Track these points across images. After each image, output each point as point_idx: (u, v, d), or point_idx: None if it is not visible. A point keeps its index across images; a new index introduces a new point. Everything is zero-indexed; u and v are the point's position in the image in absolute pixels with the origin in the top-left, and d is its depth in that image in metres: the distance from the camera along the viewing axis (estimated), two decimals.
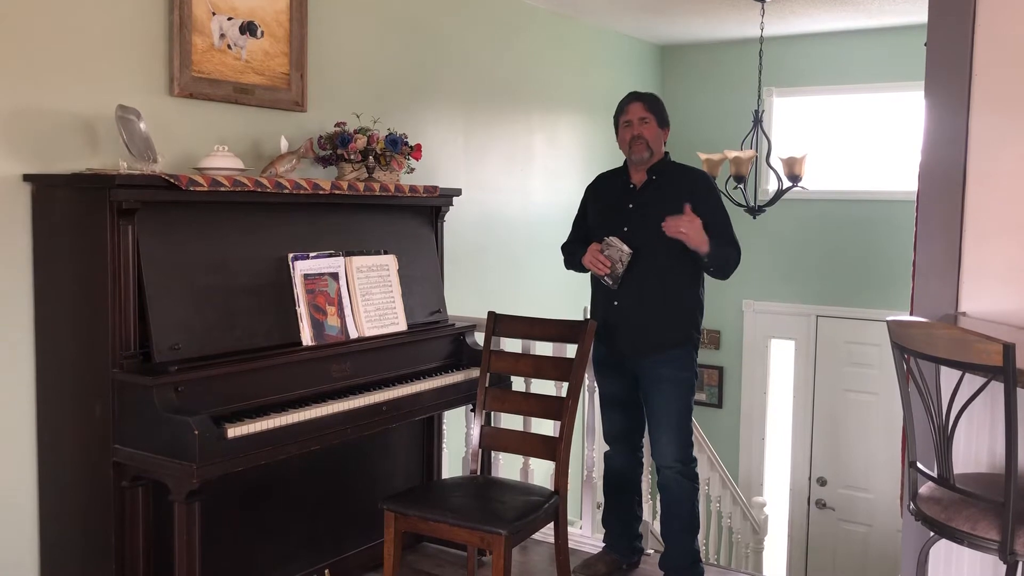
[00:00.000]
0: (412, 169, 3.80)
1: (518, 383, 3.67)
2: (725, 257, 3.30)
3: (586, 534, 4.02)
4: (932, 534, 2.32)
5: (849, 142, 6.59)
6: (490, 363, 3.32)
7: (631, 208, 3.37)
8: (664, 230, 3.21)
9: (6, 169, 2.80)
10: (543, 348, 3.74)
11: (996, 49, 2.66)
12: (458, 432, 4.22)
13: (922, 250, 2.79)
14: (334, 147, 3.56)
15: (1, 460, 2.85)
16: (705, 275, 3.40)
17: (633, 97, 3.43)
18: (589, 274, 3.50)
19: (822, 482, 6.84)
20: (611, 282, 3.32)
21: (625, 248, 3.28)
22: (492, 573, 2.80)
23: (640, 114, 3.37)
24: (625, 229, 3.33)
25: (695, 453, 3.45)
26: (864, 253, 6.46)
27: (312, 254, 3.15)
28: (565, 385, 3.18)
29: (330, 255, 3.21)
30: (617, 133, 3.45)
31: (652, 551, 3.76)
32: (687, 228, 3.20)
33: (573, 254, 3.51)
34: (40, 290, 2.87)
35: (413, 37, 4.48)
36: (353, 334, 3.22)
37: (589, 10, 5.70)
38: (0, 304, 2.82)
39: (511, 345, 3.70)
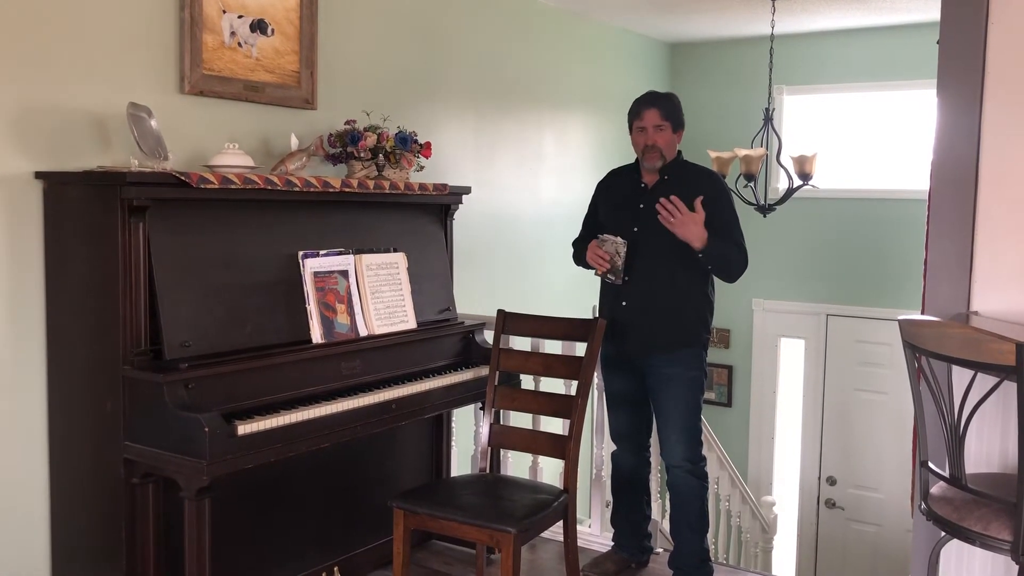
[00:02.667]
0: (422, 167, 3.80)
1: (527, 381, 3.67)
2: (725, 257, 3.27)
3: (595, 533, 4.02)
4: (943, 534, 2.31)
5: (860, 140, 6.56)
6: (499, 361, 3.32)
7: (642, 208, 3.36)
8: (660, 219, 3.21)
9: (18, 167, 2.81)
10: (552, 346, 3.73)
11: (1009, 47, 2.64)
12: (467, 430, 4.22)
13: (934, 249, 2.78)
14: (344, 145, 3.56)
15: (12, 456, 2.86)
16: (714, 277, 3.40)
17: (650, 103, 3.36)
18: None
19: (832, 481, 6.82)
20: (614, 277, 3.31)
21: (619, 239, 3.28)
22: (501, 571, 2.80)
23: (656, 122, 3.32)
24: (635, 229, 3.33)
25: (704, 452, 3.44)
26: (875, 252, 6.44)
27: (322, 252, 3.15)
28: (574, 383, 3.18)
29: (340, 253, 3.21)
30: (631, 133, 3.44)
31: (661, 550, 3.75)
32: (675, 219, 3.17)
33: (581, 251, 3.51)
34: (51, 287, 2.89)
35: (423, 35, 4.48)
36: (363, 332, 3.22)
37: (599, 8, 5.69)
38: (11, 301, 2.83)
39: (520, 343, 3.70)
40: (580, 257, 3.52)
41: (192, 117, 3.29)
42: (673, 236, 3.23)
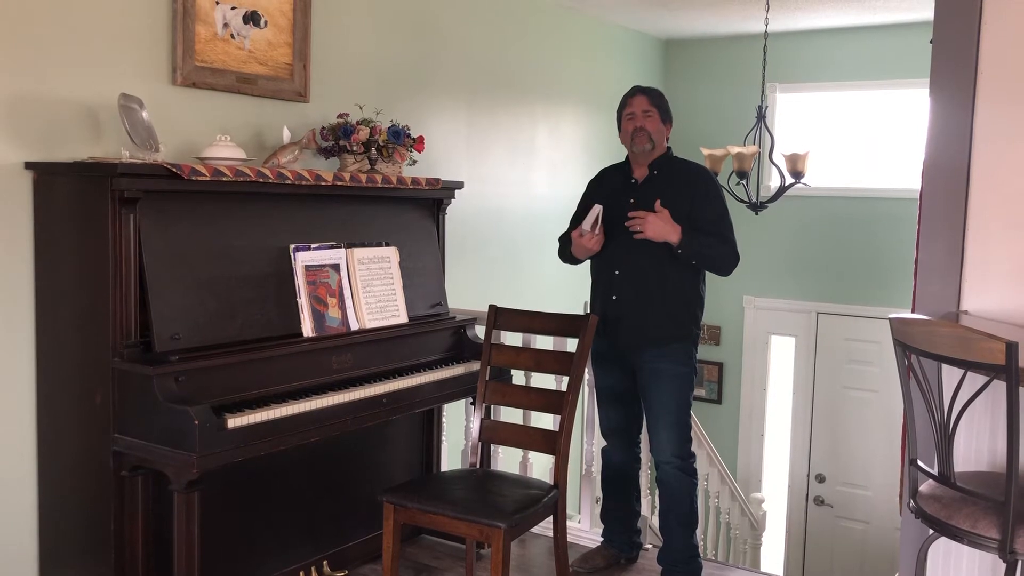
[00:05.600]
0: (414, 161, 3.80)
1: (518, 377, 3.67)
2: (707, 251, 3.28)
3: (585, 528, 4.02)
4: (932, 532, 2.32)
5: (852, 139, 6.58)
6: (490, 356, 3.31)
7: (633, 203, 3.37)
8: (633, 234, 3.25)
9: (8, 156, 2.80)
10: (544, 342, 3.73)
11: (1003, 47, 2.65)
12: (458, 425, 4.22)
13: (925, 247, 2.79)
14: (336, 138, 3.55)
15: (1, 448, 2.84)
16: (706, 271, 3.40)
17: (637, 90, 3.43)
18: (589, 267, 3.51)
19: (820, 479, 6.84)
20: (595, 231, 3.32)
21: (592, 211, 3.31)
22: (491, 566, 2.80)
23: (644, 107, 3.37)
24: (626, 224, 3.33)
25: (694, 448, 3.45)
26: (866, 250, 6.46)
27: (313, 245, 3.14)
28: (565, 379, 3.18)
29: (331, 246, 3.20)
30: (619, 127, 3.45)
31: (650, 546, 3.76)
32: (641, 225, 3.22)
33: (565, 245, 3.51)
34: (41, 278, 2.87)
35: (417, 29, 4.47)
36: (354, 326, 3.21)
37: (593, 3, 5.68)
38: (1, 292, 2.81)
39: (512, 338, 3.70)
40: (566, 253, 3.51)
41: (184, 109, 3.27)
42: None
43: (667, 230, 3.22)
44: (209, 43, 3.32)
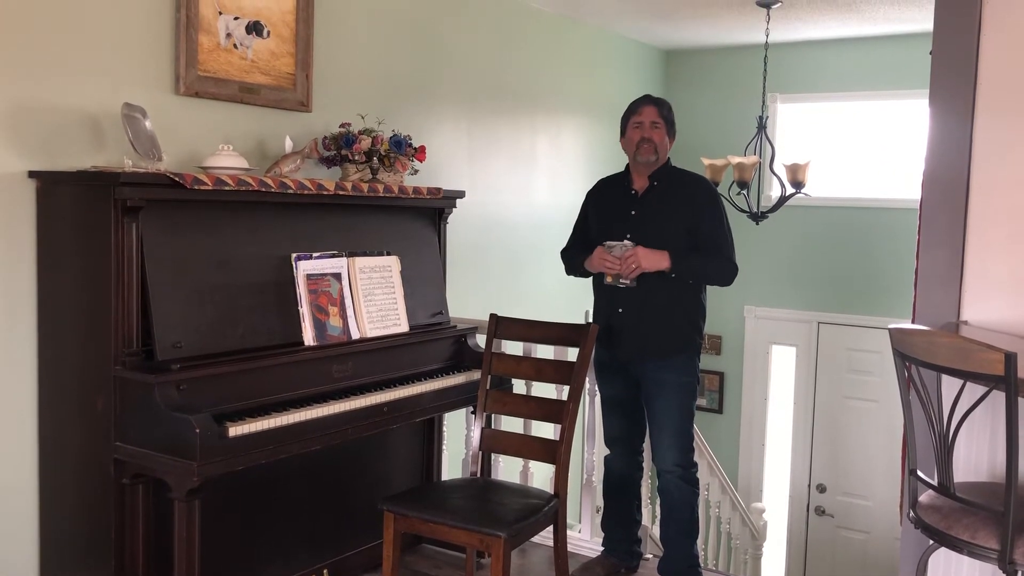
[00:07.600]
0: (416, 171, 3.81)
1: (519, 386, 3.67)
2: (700, 269, 3.31)
3: (585, 538, 4.02)
4: (931, 542, 2.32)
5: (853, 149, 6.60)
6: (491, 365, 3.32)
7: (633, 214, 3.38)
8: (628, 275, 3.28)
9: (11, 165, 2.81)
10: (544, 351, 3.74)
11: (1002, 57, 2.66)
12: (458, 434, 4.22)
13: (925, 258, 2.79)
14: (338, 148, 3.56)
15: (2, 456, 2.85)
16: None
17: (648, 100, 3.43)
18: (591, 277, 3.51)
19: (821, 489, 6.84)
20: (628, 281, 3.31)
21: (627, 243, 3.30)
22: (491, 575, 2.80)
23: (653, 118, 3.37)
24: (628, 236, 3.34)
25: (695, 458, 3.45)
26: (866, 260, 6.46)
27: (315, 254, 3.15)
28: (566, 388, 3.19)
29: (333, 255, 3.21)
30: (624, 133, 3.45)
31: (651, 555, 3.76)
32: (634, 262, 3.25)
33: (573, 259, 3.51)
34: (44, 287, 2.88)
35: (419, 39, 4.49)
36: (355, 335, 3.22)
37: (594, 13, 5.71)
38: (4, 300, 2.82)
39: (512, 347, 3.71)
40: (574, 267, 3.52)
41: (187, 118, 3.29)
42: (666, 243, 3.26)
43: (657, 258, 3.25)
44: (212, 53, 3.33)
